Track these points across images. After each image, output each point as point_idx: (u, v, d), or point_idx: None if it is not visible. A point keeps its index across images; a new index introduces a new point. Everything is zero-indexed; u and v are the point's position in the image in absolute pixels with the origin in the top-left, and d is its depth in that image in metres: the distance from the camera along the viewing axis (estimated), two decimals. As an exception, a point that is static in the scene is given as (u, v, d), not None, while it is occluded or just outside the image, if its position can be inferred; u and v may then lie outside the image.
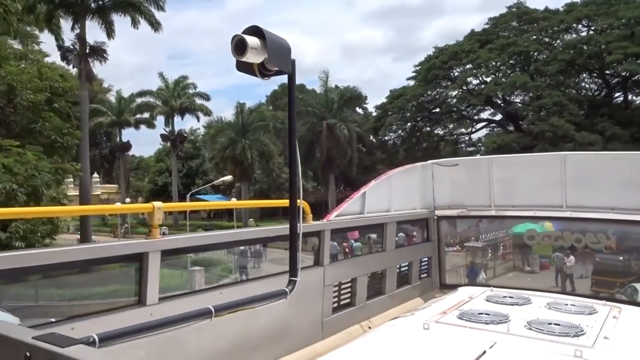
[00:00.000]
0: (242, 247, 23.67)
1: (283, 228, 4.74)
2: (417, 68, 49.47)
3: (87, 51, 31.45)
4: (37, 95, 17.96)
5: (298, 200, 3.48)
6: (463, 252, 8.87)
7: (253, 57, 2.71)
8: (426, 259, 7.95)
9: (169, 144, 60.97)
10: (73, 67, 32.62)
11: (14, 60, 18.29)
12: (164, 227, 53.62)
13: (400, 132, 50.42)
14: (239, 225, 46.19)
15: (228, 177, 41.26)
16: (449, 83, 47.33)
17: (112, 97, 67.61)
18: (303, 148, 48.98)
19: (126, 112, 62.35)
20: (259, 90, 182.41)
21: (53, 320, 3.59)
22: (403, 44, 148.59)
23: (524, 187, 7.43)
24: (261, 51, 2.71)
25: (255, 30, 2.74)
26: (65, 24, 32.96)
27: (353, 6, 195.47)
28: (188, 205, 27.55)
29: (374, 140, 54.77)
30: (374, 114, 53.72)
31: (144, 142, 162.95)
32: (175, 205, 20.30)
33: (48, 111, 18.91)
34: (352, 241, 28.52)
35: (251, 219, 59.63)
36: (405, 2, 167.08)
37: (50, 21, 32.15)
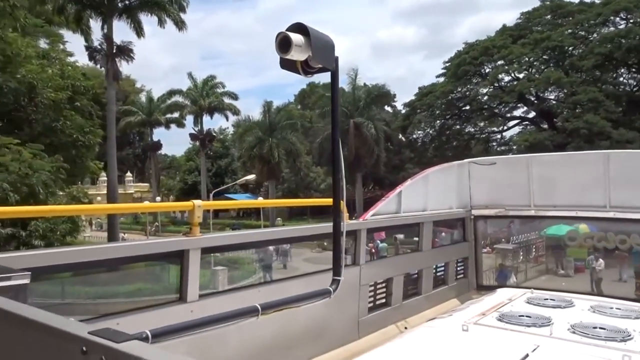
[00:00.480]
0: (269, 247, 23.52)
1: (322, 227, 4.99)
2: (447, 65, 48.41)
3: (114, 51, 31.74)
4: (58, 93, 18.05)
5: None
6: (493, 253, 8.73)
7: (297, 55, 2.72)
8: (462, 259, 7.83)
9: (197, 143, 61.44)
10: (100, 67, 33.08)
11: (36, 59, 18.42)
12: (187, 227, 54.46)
13: (429, 130, 49.44)
14: (266, 225, 46.16)
15: (251, 176, 41.27)
16: (480, 80, 46.09)
17: (144, 98, 68.89)
18: (329, 147, 48.60)
19: (156, 112, 63.11)
20: (289, 90, 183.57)
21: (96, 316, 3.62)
22: (435, 41, 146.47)
23: (565, 186, 7.20)
24: (305, 48, 2.71)
25: (299, 27, 2.74)
26: (95, 24, 33.60)
27: (384, 4, 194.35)
28: (228, 203, 27.71)
29: (402, 138, 53.93)
30: (403, 112, 52.91)
31: (176, 142, 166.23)
32: (215, 204, 20.48)
33: (69, 110, 19.03)
34: (378, 242, 28.03)
35: (279, 218, 59.64)
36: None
37: (79, 22, 32.75)
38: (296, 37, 2.68)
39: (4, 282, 1.96)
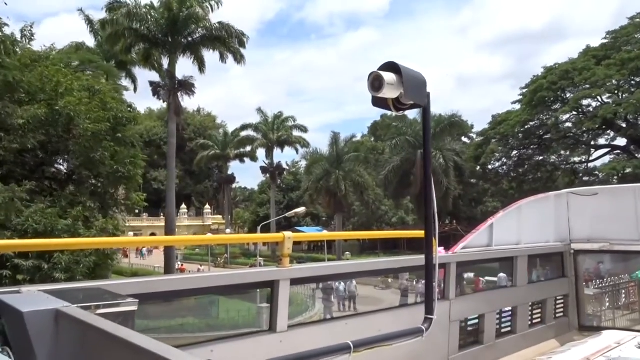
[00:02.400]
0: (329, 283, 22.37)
1: (411, 259, 5.15)
2: (524, 91, 45.24)
3: (176, 86, 32.52)
4: (97, 125, 18.16)
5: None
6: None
7: (389, 93, 2.79)
8: (561, 297, 7.36)
9: (268, 175, 61.93)
10: (163, 102, 34.00)
11: (80, 91, 18.77)
12: (260, 259, 53.95)
13: (505, 160, 46.16)
14: (331, 259, 44.87)
15: (301, 209, 40.30)
16: (560, 106, 42.45)
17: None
18: (396, 179, 46.77)
19: (229, 146, 64.63)
20: (368, 124, 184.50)
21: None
22: (522, 70, 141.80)
23: None
24: (397, 86, 2.78)
25: (391, 66, 2.81)
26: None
27: (466, 36, 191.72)
28: (315, 235, 27.17)
29: (478, 169, 50.89)
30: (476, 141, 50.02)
31: (254, 175, 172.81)
32: (305, 236, 21.06)
33: (109, 141, 19.12)
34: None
35: (347, 253, 58.06)
36: (524, 28, 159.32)
37: (147, 59, 34.14)
38: (388, 76, 2.74)
39: (114, 308, 2.02)
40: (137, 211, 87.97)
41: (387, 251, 62.88)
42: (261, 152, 63.11)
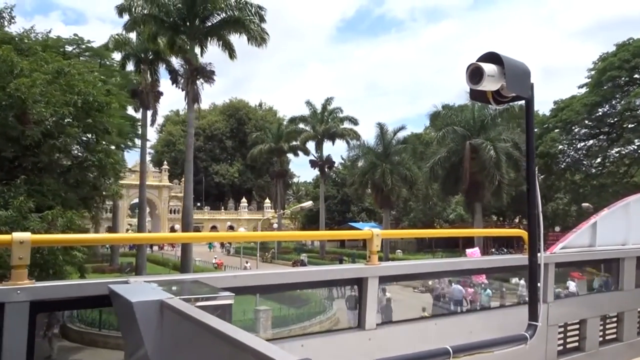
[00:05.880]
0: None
1: (509, 258, 5.39)
2: (591, 73, 39.70)
3: (193, 73, 31.31)
4: (56, 109, 16.96)
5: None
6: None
7: (490, 85, 2.67)
8: None
9: (317, 169, 60.00)
10: (182, 90, 33.02)
11: (46, 74, 17.66)
12: (304, 254, 52.03)
13: (568, 150, 40.93)
14: (392, 258, 42.26)
15: (308, 204, 37.99)
16: (633, 87, 36.67)
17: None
18: (444, 173, 42.95)
19: (282, 139, 63.41)
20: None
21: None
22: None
23: None
24: (498, 78, 2.66)
25: (491, 57, 2.70)
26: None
27: (554, 24, 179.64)
28: (403, 232, 25.62)
29: (542, 163, 45.62)
30: (536, 130, 44.75)
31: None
32: (392, 233, 19.98)
33: (75, 127, 17.90)
34: (482, 289, 22.50)
35: (399, 251, 54.87)
36: (621, 13, 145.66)
37: (172, 47, 33.32)
38: (488, 67, 2.62)
39: (212, 301, 2.09)
40: (198, 204, 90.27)
41: (447, 250, 58.95)
42: (313, 146, 61.44)
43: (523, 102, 2.92)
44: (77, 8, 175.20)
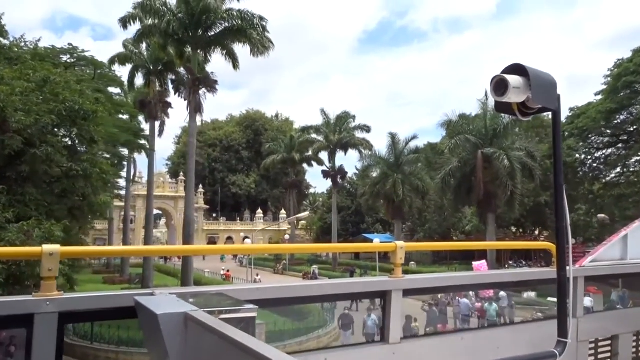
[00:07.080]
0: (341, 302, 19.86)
1: (537, 272, 5.09)
2: (607, 80, 38.27)
3: (195, 82, 31.09)
4: (37, 117, 16.72)
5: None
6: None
7: (515, 97, 2.62)
8: None
9: (329, 179, 59.23)
10: (184, 99, 32.86)
11: (32, 82, 17.49)
12: (315, 266, 51.11)
13: (583, 158, 39.46)
14: (387, 268, 41.22)
15: (304, 214, 37.13)
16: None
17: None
18: (455, 183, 41.81)
19: (294, 150, 62.99)
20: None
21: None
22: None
23: None
24: (524, 90, 2.61)
25: (516, 68, 2.65)
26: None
27: (580, 33, 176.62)
28: (430, 245, 24.97)
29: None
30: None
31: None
32: (416, 246, 20.00)
33: (57, 135, 17.63)
34: (487, 303, 21.53)
35: (412, 262, 53.60)
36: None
37: (181, 57, 33.28)
38: (513, 79, 2.58)
39: (236, 314, 2.08)
40: (214, 215, 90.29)
41: (463, 262, 57.42)
42: (326, 156, 60.80)
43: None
44: (106, 24, 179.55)
